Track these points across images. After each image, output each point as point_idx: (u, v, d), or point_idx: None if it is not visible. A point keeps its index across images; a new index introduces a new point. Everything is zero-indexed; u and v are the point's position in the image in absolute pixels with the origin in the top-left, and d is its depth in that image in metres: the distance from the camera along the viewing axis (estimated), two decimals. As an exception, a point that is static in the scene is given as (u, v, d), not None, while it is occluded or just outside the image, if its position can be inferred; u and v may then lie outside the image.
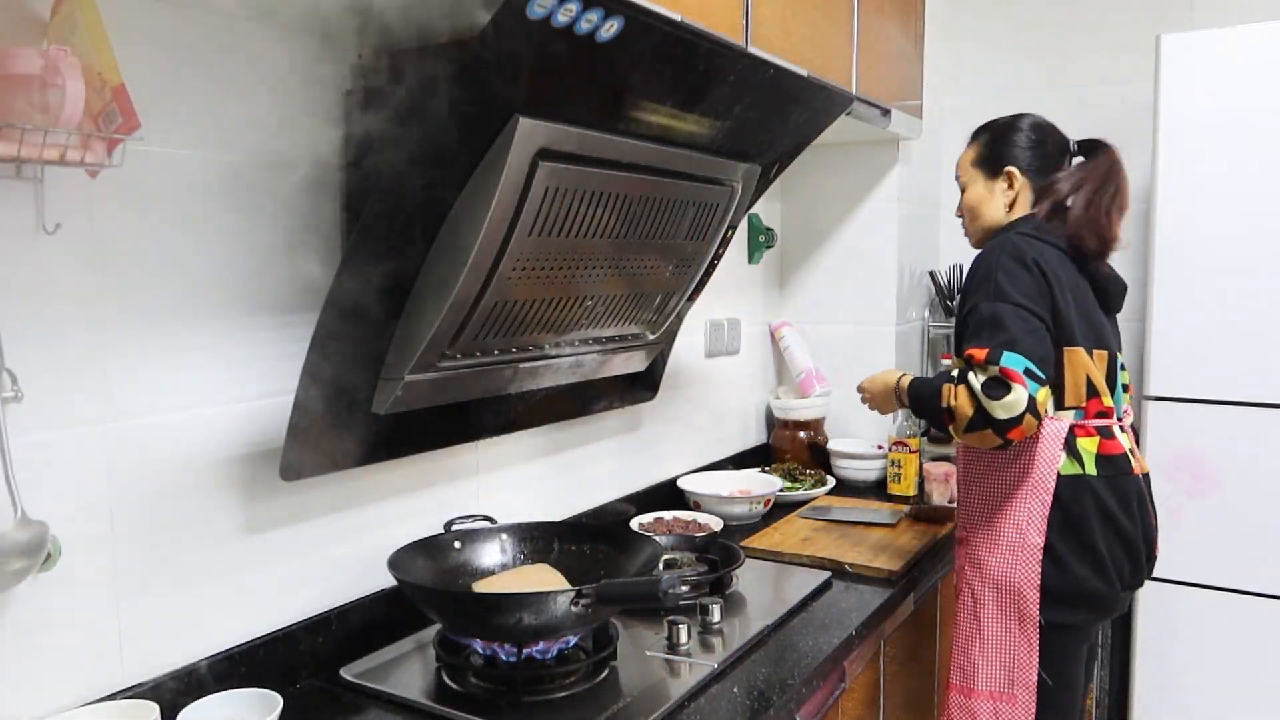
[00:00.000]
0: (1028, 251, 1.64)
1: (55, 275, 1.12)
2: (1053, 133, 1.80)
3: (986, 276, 1.64)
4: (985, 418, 1.55)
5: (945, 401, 1.61)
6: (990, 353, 1.56)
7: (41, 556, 1.06)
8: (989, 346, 1.56)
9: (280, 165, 1.36)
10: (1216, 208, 2.08)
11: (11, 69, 0.97)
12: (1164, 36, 2.11)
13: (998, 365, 1.55)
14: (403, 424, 1.45)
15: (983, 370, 1.56)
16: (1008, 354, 1.55)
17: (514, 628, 1.29)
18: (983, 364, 1.56)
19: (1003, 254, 1.65)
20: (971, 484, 1.76)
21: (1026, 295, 1.61)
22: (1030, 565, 1.65)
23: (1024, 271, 1.62)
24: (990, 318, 1.60)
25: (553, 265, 1.42)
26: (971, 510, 1.75)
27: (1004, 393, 1.53)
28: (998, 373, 1.55)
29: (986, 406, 1.54)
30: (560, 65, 1.19)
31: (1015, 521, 1.67)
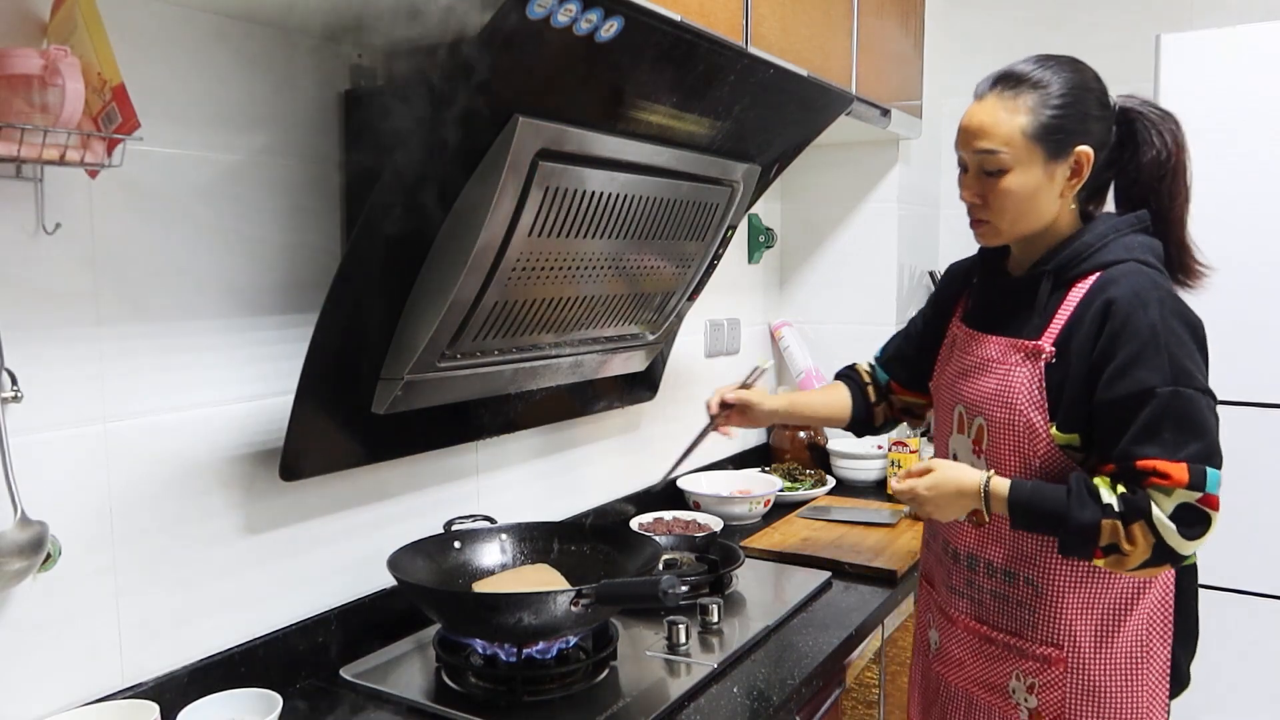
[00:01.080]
0: (1186, 308, 1.23)
1: (55, 275, 1.12)
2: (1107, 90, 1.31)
3: (1154, 340, 1.18)
4: (1167, 556, 1.17)
5: (1105, 541, 1.18)
6: (1192, 474, 1.14)
7: (41, 556, 1.06)
8: (1185, 460, 1.14)
9: (280, 165, 1.36)
10: (1216, 207, 2.07)
11: (11, 69, 0.97)
12: (1164, 36, 2.12)
13: (1201, 492, 1.14)
14: (403, 424, 1.45)
15: (1165, 495, 1.15)
16: (1212, 473, 1.15)
17: (514, 628, 1.29)
18: (1179, 488, 1.15)
19: (1160, 305, 1.20)
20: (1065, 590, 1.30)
21: (1203, 372, 1.20)
22: (1159, 690, 1.31)
23: (1191, 336, 1.21)
24: (1177, 412, 1.16)
25: (553, 265, 1.42)
26: (1074, 624, 1.29)
27: (1203, 530, 1.16)
28: (1196, 501, 1.15)
29: (1174, 545, 1.15)
30: (560, 65, 1.19)
31: (1136, 631, 1.29)
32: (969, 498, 1.27)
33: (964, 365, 1.38)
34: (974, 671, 1.40)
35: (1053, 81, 1.25)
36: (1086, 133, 1.25)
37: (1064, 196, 1.28)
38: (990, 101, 1.27)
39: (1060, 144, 1.25)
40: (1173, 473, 1.14)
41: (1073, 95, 1.25)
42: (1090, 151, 1.26)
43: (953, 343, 1.45)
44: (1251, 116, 2.03)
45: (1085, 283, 1.26)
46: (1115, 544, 1.17)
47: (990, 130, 1.26)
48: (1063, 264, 1.28)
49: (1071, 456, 1.26)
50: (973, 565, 1.38)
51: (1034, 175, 1.25)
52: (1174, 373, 1.16)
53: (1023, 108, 1.24)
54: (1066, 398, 1.24)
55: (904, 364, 1.64)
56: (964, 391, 1.37)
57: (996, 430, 1.31)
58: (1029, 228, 1.30)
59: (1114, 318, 1.20)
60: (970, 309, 1.45)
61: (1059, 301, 1.28)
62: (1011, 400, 1.28)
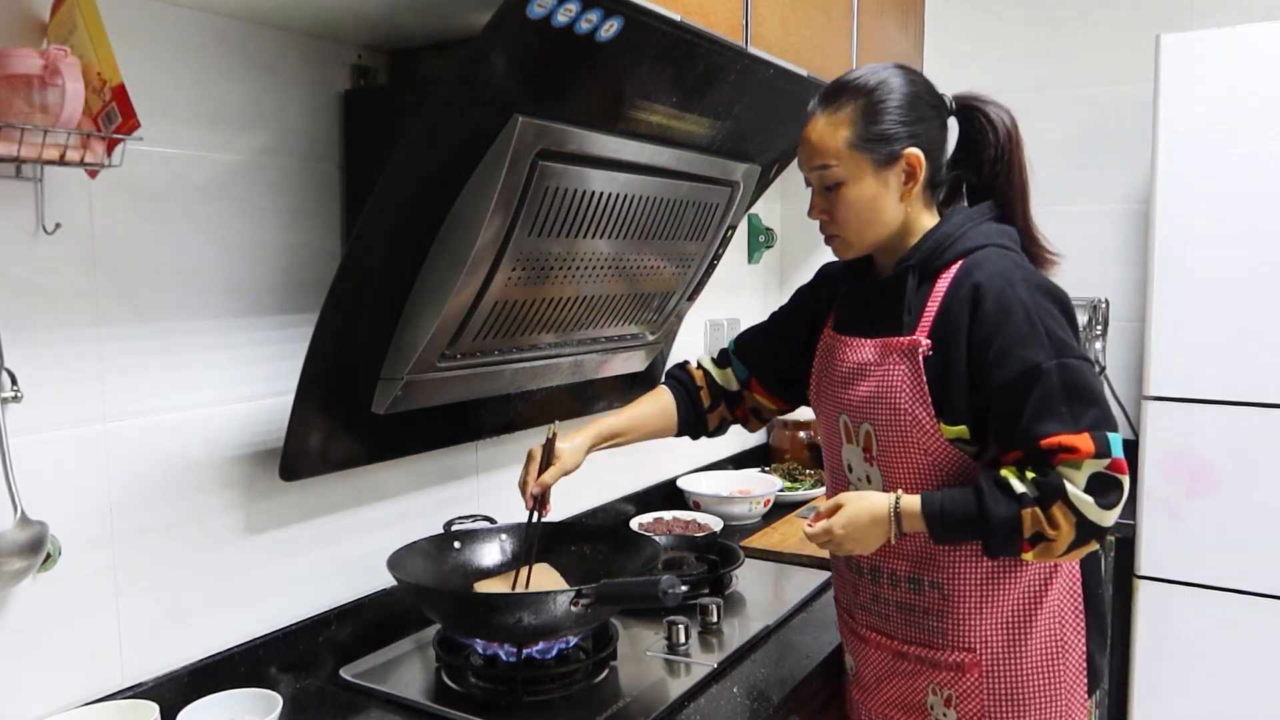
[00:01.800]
0: (1049, 282, 1.23)
1: (55, 275, 1.12)
2: (931, 89, 1.30)
3: (1027, 317, 1.17)
4: (1091, 532, 1.14)
5: (1029, 531, 1.15)
6: (1096, 442, 1.13)
7: (41, 556, 1.06)
8: (1087, 430, 1.13)
9: (280, 165, 1.36)
10: (1216, 207, 2.07)
11: (11, 69, 0.97)
12: (1164, 36, 2.11)
13: (1109, 458, 1.13)
14: (402, 424, 1.45)
15: (1074, 469, 1.13)
16: (1113, 437, 1.14)
17: (514, 628, 1.29)
18: (1087, 459, 1.13)
19: (1025, 283, 1.20)
20: (968, 591, 1.26)
21: (1078, 341, 1.20)
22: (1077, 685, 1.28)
23: (1060, 308, 1.21)
24: (1067, 384, 1.15)
25: (553, 265, 1.42)
26: (984, 624, 1.26)
27: (1118, 496, 1.14)
28: (1106, 469, 1.13)
29: (1095, 519, 1.13)
30: (560, 65, 1.19)
31: (1050, 626, 1.27)
32: (883, 523, 1.22)
33: (842, 372, 1.34)
34: (890, 694, 1.35)
35: (873, 90, 1.24)
36: (913, 135, 1.24)
37: (905, 200, 1.27)
38: (818, 118, 1.27)
39: (886, 150, 1.24)
40: (1078, 444, 1.13)
41: (892, 100, 1.24)
42: (919, 153, 1.24)
43: (827, 351, 1.39)
44: (1251, 116, 2.03)
45: (949, 272, 1.25)
46: (1039, 532, 1.14)
47: (819, 146, 1.26)
48: (925, 256, 1.26)
49: (963, 450, 1.23)
50: (876, 577, 1.33)
51: (868, 184, 1.25)
52: (1054, 346, 1.16)
53: (844, 120, 1.24)
54: (950, 388, 1.21)
55: (766, 369, 1.52)
56: (846, 398, 1.32)
57: (884, 433, 1.27)
58: (877, 235, 1.29)
59: (984, 300, 1.19)
60: (840, 315, 1.41)
61: (927, 294, 1.26)
62: (894, 400, 1.25)
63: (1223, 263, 2.07)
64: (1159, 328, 2.15)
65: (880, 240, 1.29)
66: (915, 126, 1.25)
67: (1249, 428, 2.08)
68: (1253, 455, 2.07)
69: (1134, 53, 2.48)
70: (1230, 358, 2.08)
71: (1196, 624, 2.16)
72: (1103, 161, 2.52)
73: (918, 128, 1.25)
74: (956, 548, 1.25)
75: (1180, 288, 2.12)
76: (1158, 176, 2.13)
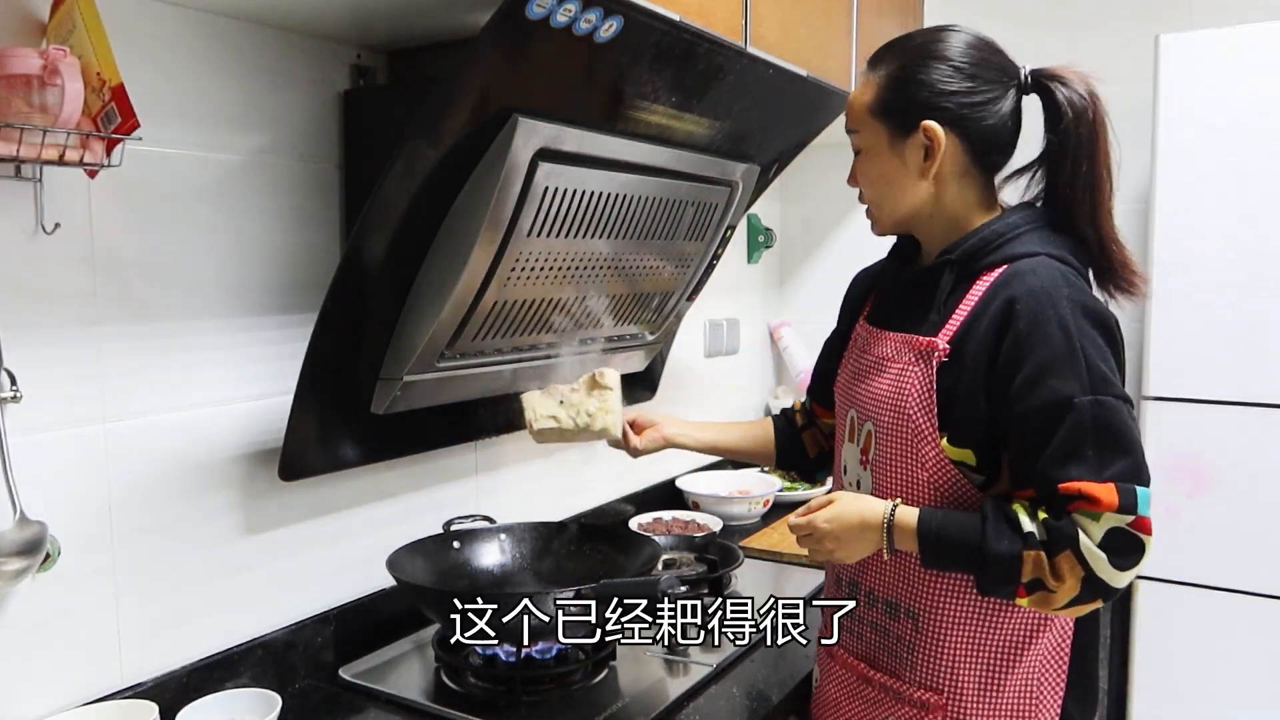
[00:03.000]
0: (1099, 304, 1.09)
1: (55, 275, 1.12)
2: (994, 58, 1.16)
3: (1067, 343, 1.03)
4: (1098, 590, 1.02)
5: (1029, 575, 1.03)
6: (1122, 495, 1.00)
7: (41, 556, 1.06)
8: (1113, 480, 1.00)
9: (280, 165, 1.36)
10: (1216, 207, 2.07)
11: (11, 69, 0.97)
12: (1163, 36, 2.11)
13: (1134, 515, 1.00)
14: (402, 424, 1.45)
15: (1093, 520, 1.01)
16: (1142, 493, 1.01)
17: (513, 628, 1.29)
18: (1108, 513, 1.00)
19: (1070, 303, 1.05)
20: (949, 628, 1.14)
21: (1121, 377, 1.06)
22: None
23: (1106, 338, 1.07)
24: (1100, 425, 1.02)
25: (552, 265, 1.42)
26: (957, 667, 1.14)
27: (1137, 559, 1.01)
28: (1128, 525, 1.00)
29: (1105, 577, 1.01)
30: (559, 65, 1.19)
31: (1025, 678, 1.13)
32: (874, 530, 1.11)
33: (860, 366, 1.24)
34: (849, 715, 1.25)
35: (912, 51, 1.13)
36: (939, 108, 1.11)
37: (925, 179, 1.14)
38: (861, 77, 1.19)
39: (902, 120, 1.12)
40: (1100, 495, 0.99)
41: (929, 66, 1.11)
42: (936, 127, 1.11)
43: (857, 344, 1.29)
44: (1251, 116, 2.03)
45: (990, 276, 1.12)
46: (1039, 579, 1.02)
47: (849, 108, 1.18)
48: (968, 253, 1.13)
49: (967, 476, 1.11)
50: (853, 592, 1.24)
51: (882, 154, 1.15)
52: (1092, 380, 1.02)
53: (874, 83, 1.15)
54: (959, 404, 1.09)
55: (820, 381, 1.44)
56: (857, 394, 1.23)
57: (884, 437, 1.17)
58: (896, 213, 1.19)
59: (1018, 319, 1.05)
60: (874, 305, 1.31)
61: (961, 296, 1.13)
62: (901, 404, 1.14)
63: (1222, 263, 2.07)
64: (1159, 328, 2.15)
65: (903, 220, 1.20)
66: (950, 99, 1.11)
67: (1249, 428, 2.08)
68: (1253, 455, 2.07)
69: (1133, 53, 2.47)
70: (1230, 358, 2.08)
71: (1196, 624, 2.16)
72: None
73: (953, 100, 1.11)
74: (943, 577, 1.14)
75: (1180, 288, 2.12)
76: (1157, 176, 2.13)
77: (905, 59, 1.14)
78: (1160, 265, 2.14)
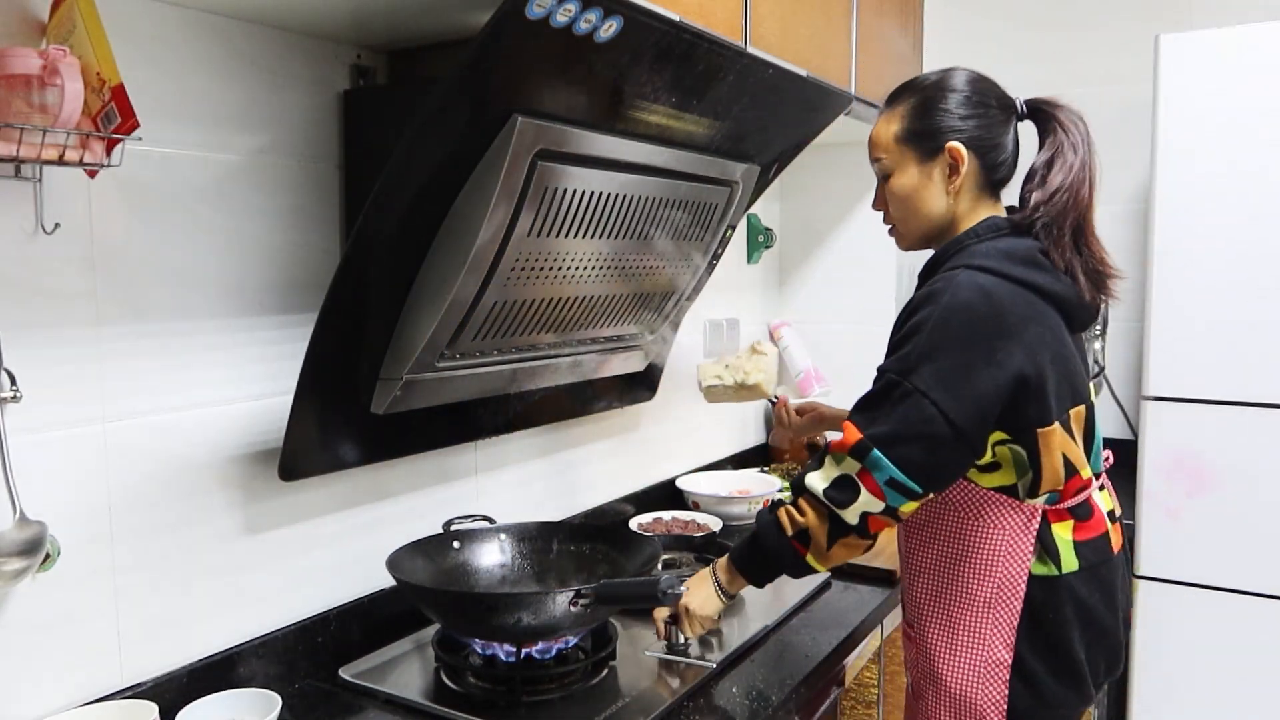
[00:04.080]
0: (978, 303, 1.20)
1: (55, 275, 1.12)
2: (995, 90, 1.32)
3: (916, 332, 1.20)
4: (840, 525, 1.23)
5: (791, 530, 1.26)
6: (861, 442, 1.20)
7: (40, 556, 1.06)
8: (862, 432, 1.20)
9: (279, 165, 1.36)
10: (1215, 207, 2.07)
11: (11, 69, 0.97)
12: (1163, 36, 2.11)
13: (859, 464, 1.20)
14: (402, 424, 1.45)
15: (835, 463, 1.22)
16: (876, 454, 1.18)
17: (513, 628, 1.29)
18: (841, 454, 1.21)
19: (945, 306, 1.20)
20: (918, 574, 1.36)
21: (949, 389, 1.18)
22: (995, 685, 1.28)
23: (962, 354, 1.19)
24: (894, 399, 1.19)
25: (551, 265, 1.42)
26: (920, 606, 1.35)
27: (852, 497, 1.20)
28: (856, 474, 1.20)
29: (841, 515, 1.22)
30: (559, 65, 1.19)
31: (977, 630, 1.29)
32: (706, 580, 1.39)
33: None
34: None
35: (928, 88, 1.32)
36: (955, 130, 1.29)
37: (950, 194, 1.31)
38: (880, 116, 1.38)
39: (929, 143, 1.30)
40: (848, 435, 1.20)
41: (944, 98, 1.30)
42: (960, 147, 1.28)
43: None
44: (1250, 116, 2.03)
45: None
46: (801, 528, 1.25)
47: (874, 141, 1.37)
48: (932, 261, 1.33)
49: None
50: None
51: (911, 175, 1.32)
52: (908, 365, 1.19)
53: (898, 115, 1.33)
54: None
55: None
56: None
57: None
58: (920, 227, 1.35)
59: (905, 312, 1.26)
60: None
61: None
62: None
63: (1222, 263, 2.07)
64: (1158, 328, 2.16)
65: (926, 232, 1.35)
66: (965, 123, 1.29)
67: (1248, 428, 2.08)
68: (1252, 455, 2.07)
69: (1133, 53, 2.48)
70: (1230, 358, 2.08)
71: (1196, 624, 2.16)
72: (1102, 161, 2.52)
73: (968, 124, 1.29)
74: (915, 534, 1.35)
75: (1180, 288, 2.12)
76: (1157, 176, 2.13)
77: (925, 94, 1.32)
78: (1160, 265, 2.14)
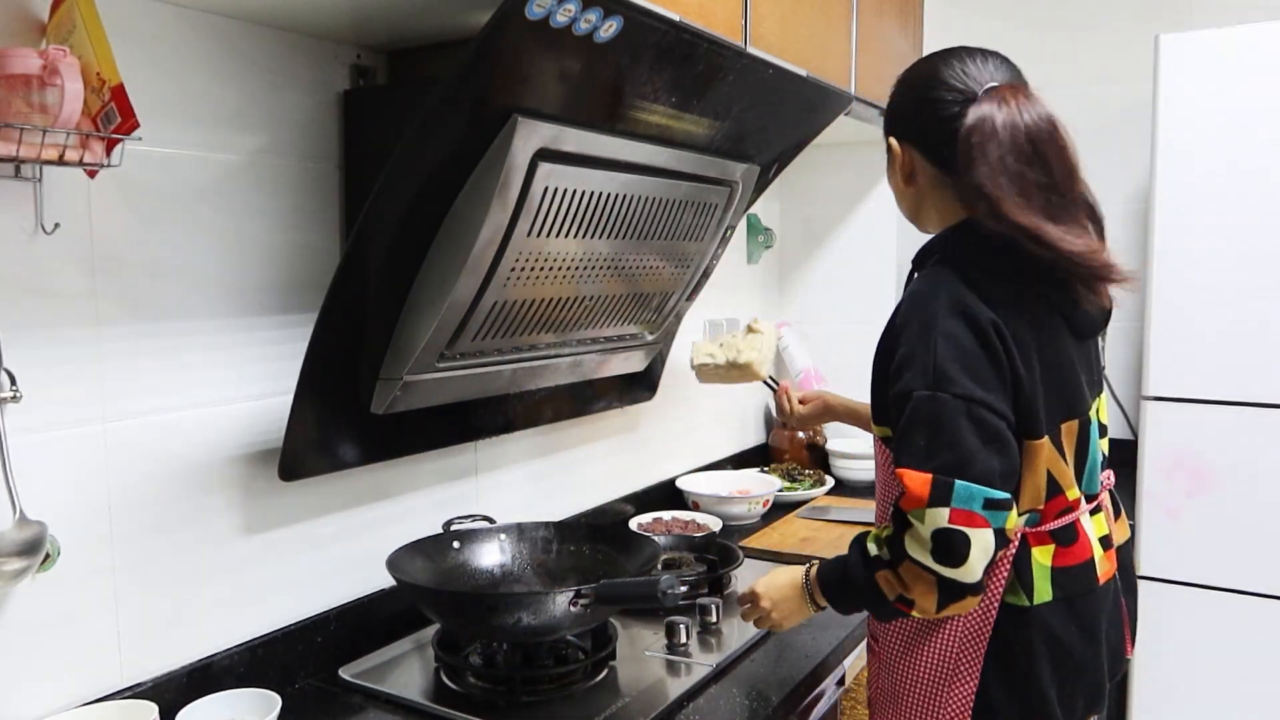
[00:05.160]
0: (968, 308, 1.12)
1: (54, 275, 1.12)
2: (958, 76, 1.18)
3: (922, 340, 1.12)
4: (954, 590, 1.08)
5: (892, 594, 1.12)
6: (934, 487, 1.06)
7: (40, 557, 1.06)
8: (931, 471, 1.07)
9: (279, 165, 1.36)
10: (1215, 207, 2.08)
11: (11, 69, 0.97)
12: (1162, 36, 2.11)
13: (947, 508, 1.06)
14: (401, 424, 1.45)
15: (919, 520, 1.08)
16: (960, 486, 1.06)
17: (513, 628, 1.29)
18: (921, 509, 1.07)
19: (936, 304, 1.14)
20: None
21: (980, 381, 1.10)
22: (956, 714, 1.19)
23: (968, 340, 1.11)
24: (929, 418, 1.09)
25: (551, 265, 1.42)
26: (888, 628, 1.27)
27: (963, 556, 1.06)
28: (945, 524, 1.06)
29: (955, 577, 1.07)
30: (559, 65, 1.19)
31: (941, 652, 1.20)
32: (801, 590, 1.27)
33: None
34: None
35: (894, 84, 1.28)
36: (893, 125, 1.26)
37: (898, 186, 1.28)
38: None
39: (887, 139, 1.27)
40: (913, 486, 1.07)
41: (892, 93, 1.27)
42: (894, 142, 1.25)
43: None
44: (1250, 116, 2.03)
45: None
46: (901, 594, 1.11)
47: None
48: (916, 258, 1.28)
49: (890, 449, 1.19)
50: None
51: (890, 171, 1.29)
52: (936, 377, 1.09)
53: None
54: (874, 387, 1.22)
55: None
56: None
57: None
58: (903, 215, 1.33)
59: (898, 316, 1.18)
60: None
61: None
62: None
63: (1222, 263, 2.07)
64: (1158, 328, 2.16)
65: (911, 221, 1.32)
66: (907, 119, 1.25)
67: (1248, 428, 2.08)
68: (1252, 455, 2.07)
69: (1133, 53, 2.48)
70: (1230, 358, 2.08)
71: (1196, 624, 2.16)
72: (1102, 161, 2.50)
73: (912, 119, 1.24)
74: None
75: (1180, 288, 2.12)
76: (1157, 176, 2.14)
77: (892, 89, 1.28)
78: (1160, 265, 2.14)
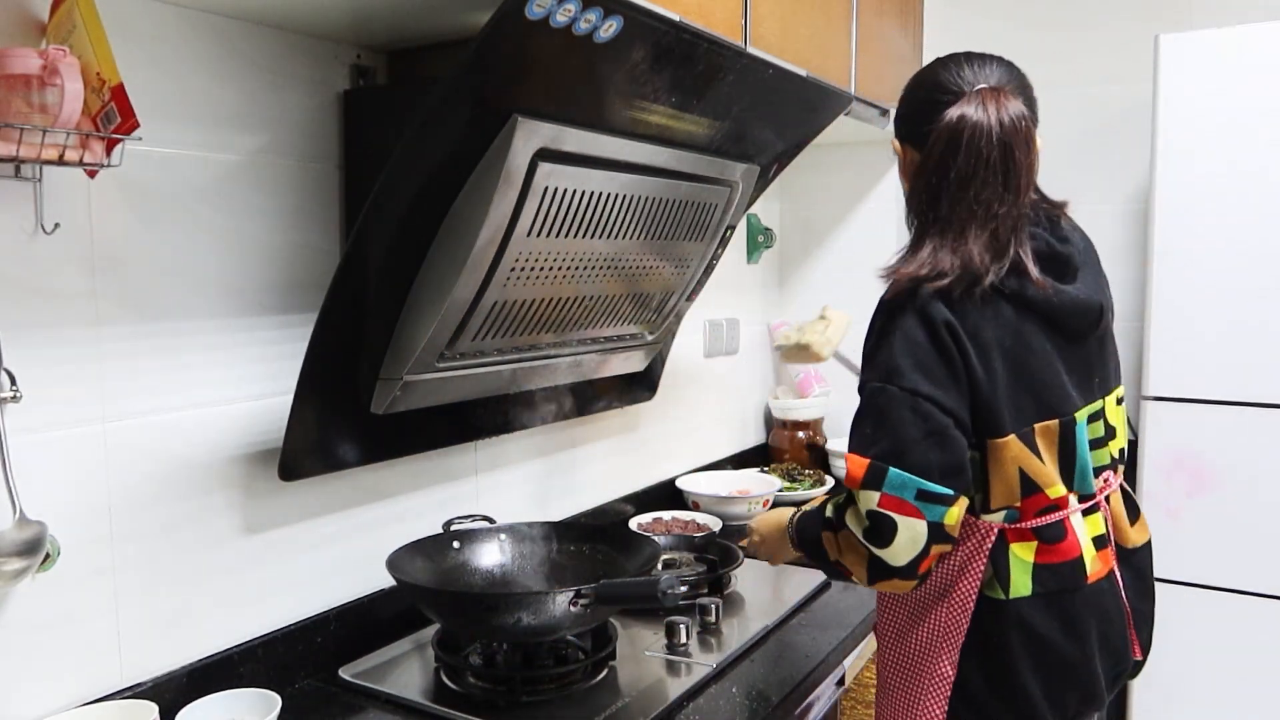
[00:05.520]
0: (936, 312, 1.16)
1: (55, 275, 1.12)
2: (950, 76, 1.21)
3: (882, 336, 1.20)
4: (881, 568, 1.14)
5: (832, 555, 1.20)
6: (869, 471, 1.13)
7: (40, 556, 1.06)
8: (871, 457, 1.13)
9: (279, 165, 1.36)
10: (1215, 207, 2.07)
11: (11, 69, 0.97)
12: (1162, 36, 2.11)
13: (878, 493, 1.11)
14: (402, 424, 1.45)
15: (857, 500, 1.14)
16: (893, 473, 1.11)
17: (513, 628, 1.29)
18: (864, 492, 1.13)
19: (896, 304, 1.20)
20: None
21: (930, 377, 1.14)
22: (932, 701, 1.21)
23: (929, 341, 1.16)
24: (876, 407, 1.16)
25: (551, 265, 1.42)
26: (884, 607, 1.31)
27: (889, 540, 1.12)
28: (875, 506, 1.12)
29: (884, 557, 1.13)
30: (559, 65, 1.19)
31: (923, 639, 1.23)
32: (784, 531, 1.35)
33: None
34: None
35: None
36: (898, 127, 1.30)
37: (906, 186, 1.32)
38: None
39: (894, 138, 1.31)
40: (852, 468, 1.15)
41: (903, 92, 1.30)
42: (896, 143, 1.30)
43: None
44: (1250, 116, 2.03)
45: None
46: (838, 559, 1.19)
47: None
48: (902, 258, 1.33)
49: None
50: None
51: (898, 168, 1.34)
52: (887, 371, 1.16)
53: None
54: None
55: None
56: None
57: None
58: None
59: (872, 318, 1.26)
60: None
61: None
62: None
63: (1222, 263, 2.07)
64: (1158, 327, 2.16)
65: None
66: (910, 120, 1.28)
67: (1249, 428, 2.08)
68: (1252, 455, 2.07)
69: (1133, 53, 2.48)
70: (1230, 358, 2.08)
71: (1196, 624, 2.16)
72: (1102, 161, 2.52)
73: (913, 120, 1.27)
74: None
75: (1180, 288, 2.12)
76: (1157, 176, 2.13)
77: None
78: (1160, 265, 2.14)
